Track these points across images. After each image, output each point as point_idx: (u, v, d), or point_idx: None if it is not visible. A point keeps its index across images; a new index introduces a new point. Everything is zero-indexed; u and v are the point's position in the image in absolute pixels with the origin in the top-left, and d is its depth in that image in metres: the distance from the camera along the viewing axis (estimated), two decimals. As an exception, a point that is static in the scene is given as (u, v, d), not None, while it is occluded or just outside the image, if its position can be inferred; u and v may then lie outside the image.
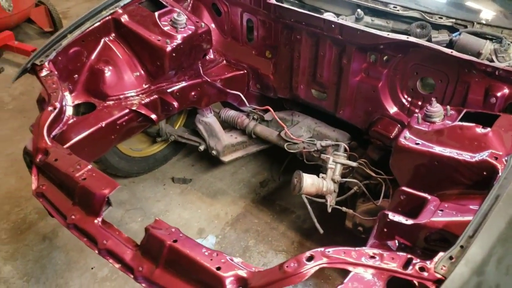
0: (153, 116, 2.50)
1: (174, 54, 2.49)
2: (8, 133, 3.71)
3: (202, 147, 3.05)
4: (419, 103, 2.34)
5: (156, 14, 2.52)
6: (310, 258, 1.40)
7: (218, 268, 1.47)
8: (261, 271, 1.47)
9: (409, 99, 2.37)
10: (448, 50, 2.05)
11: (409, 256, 1.40)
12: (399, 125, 2.40)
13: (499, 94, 2.01)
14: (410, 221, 1.63)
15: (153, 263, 1.57)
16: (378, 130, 2.43)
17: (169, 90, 2.63)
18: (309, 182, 2.20)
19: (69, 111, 2.21)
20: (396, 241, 1.75)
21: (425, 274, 1.33)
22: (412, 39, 2.13)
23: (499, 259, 1.36)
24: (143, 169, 3.27)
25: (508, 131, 1.71)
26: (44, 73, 2.24)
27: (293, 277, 1.38)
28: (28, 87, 4.20)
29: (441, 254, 1.37)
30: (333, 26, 2.32)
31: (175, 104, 2.60)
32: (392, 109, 2.42)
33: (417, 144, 1.80)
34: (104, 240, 1.65)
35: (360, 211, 2.39)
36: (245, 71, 2.90)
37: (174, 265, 1.55)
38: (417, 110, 2.35)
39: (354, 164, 2.32)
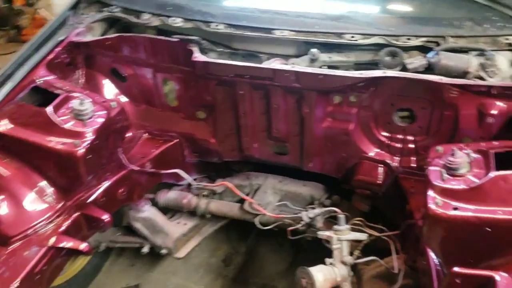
0: (82, 246, 1.83)
1: (89, 156, 1.84)
2: None
3: (146, 249, 2.40)
4: (400, 136, 2.02)
5: (50, 108, 1.83)
6: None
7: None
8: None
9: (388, 134, 2.03)
10: (436, 78, 1.72)
11: None
12: (382, 166, 2.06)
13: (495, 112, 1.75)
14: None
15: None
16: (362, 178, 2.06)
17: (90, 200, 1.97)
18: (321, 278, 1.72)
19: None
20: None
21: None
22: (391, 73, 1.77)
23: None
24: (74, 293, 2.52)
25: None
26: None
27: None
28: None
29: None
30: (286, 74, 1.87)
31: (105, 217, 1.94)
32: (371, 151, 2.06)
33: (456, 209, 1.43)
34: None
35: (368, 277, 1.99)
36: (177, 140, 2.33)
37: None
38: (398, 145, 2.03)
39: (364, 237, 1.88)
